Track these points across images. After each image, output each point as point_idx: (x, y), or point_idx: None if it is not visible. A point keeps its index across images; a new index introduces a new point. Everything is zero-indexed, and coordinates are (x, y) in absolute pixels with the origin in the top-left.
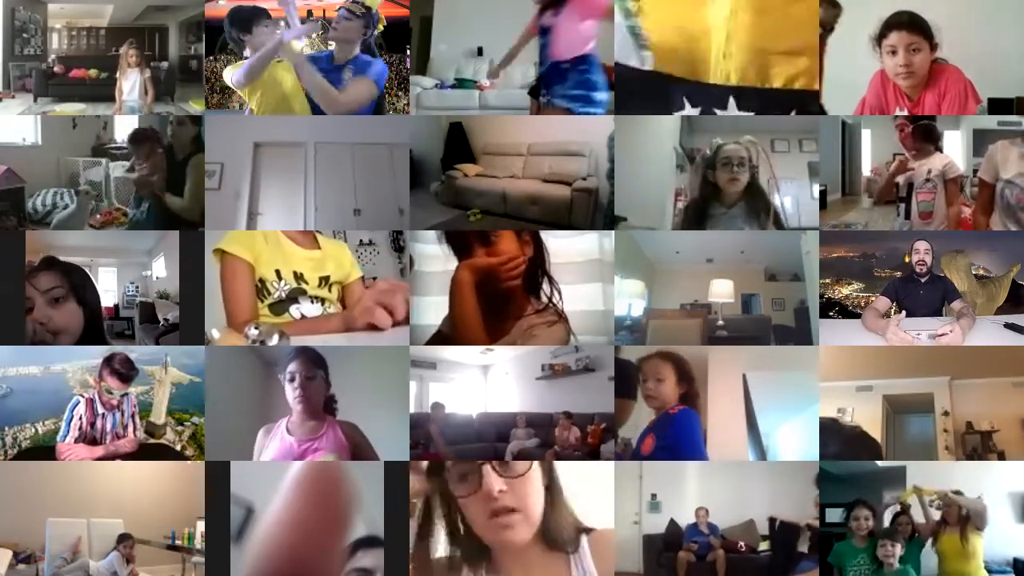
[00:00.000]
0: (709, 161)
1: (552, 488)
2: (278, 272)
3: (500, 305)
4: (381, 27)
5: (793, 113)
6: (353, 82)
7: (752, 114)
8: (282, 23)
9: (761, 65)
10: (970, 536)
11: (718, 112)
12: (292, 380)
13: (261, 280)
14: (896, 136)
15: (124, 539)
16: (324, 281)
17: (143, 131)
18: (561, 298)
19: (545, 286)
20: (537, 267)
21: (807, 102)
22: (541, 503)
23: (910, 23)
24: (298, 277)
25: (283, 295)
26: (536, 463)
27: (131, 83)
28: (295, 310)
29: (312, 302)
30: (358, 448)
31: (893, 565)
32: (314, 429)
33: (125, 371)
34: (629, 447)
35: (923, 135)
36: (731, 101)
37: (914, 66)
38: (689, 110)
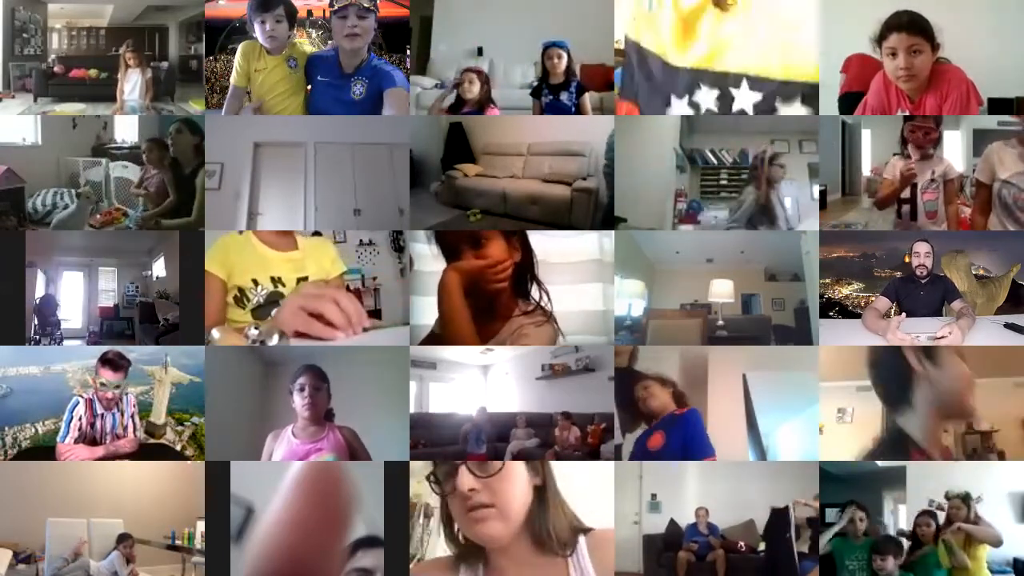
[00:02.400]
0: (770, 158)
1: (545, 489)
2: (255, 280)
3: (489, 307)
4: None
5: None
6: (390, 93)
7: (751, 115)
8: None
9: None
10: (973, 542)
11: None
12: (302, 390)
13: (240, 290)
14: (918, 138)
15: (124, 539)
16: (303, 282)
17: (156, 140)
18: (550, 300)
19: (534, 290)
20: (526, 271)
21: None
22: (523, 501)
23: (910, 24)
24: (276, 281)
25: (261, 300)
26: (519, 462)
27: (132, 84)
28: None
29: None
30: (354, 451)
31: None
32: (316, 433)
33: (116, 359)
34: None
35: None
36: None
37: (915, 69)
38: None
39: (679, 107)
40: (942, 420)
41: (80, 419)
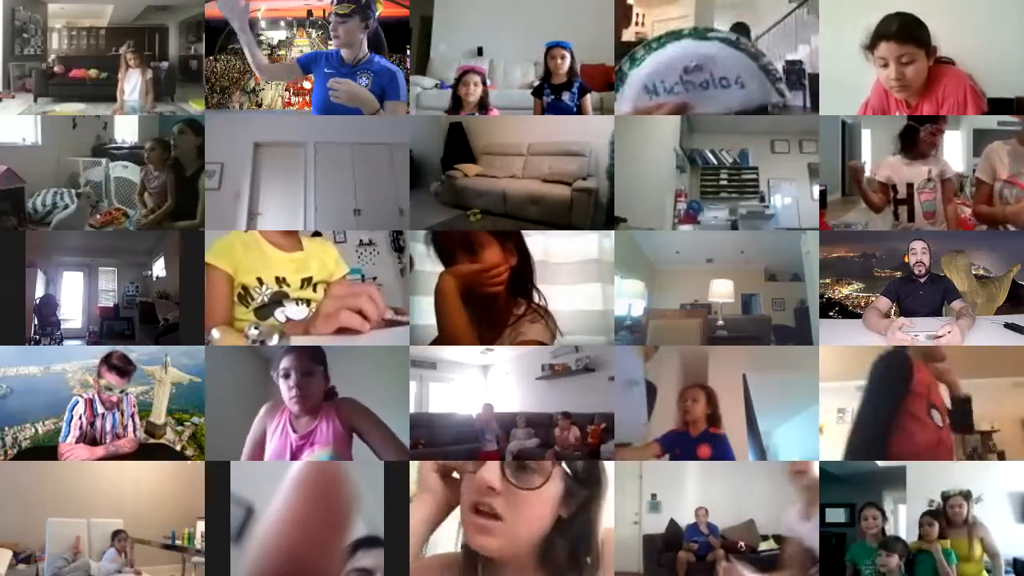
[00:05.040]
0: None
1: (574, 522)
2: (259, 279)
3: (488, 312)
4: (380, 7)
5: None
6: (391, 105)
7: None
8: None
9: None
10: (974, 543)
11: None
12: (287, 377)
13: (244, 287)
14: (934, 140)
15: (117, 534)
16: (307, 282)
17: (159, 141)
18: (546, 301)
19: (534, 295)
20: (523, 275)
21: None
22: (537, 527)
23: (900, 33)
24: (280, 281)
25: (266, 299)
26: (559, 492)
27: (132, 84)
28: (280, 313)
29: (297, 304)
30: (360, 428)
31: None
32: (307, 424)
33: (122, 366)
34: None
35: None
36: None
37: (907, 79)
38: None
39: None
40: None
41: (80, 419)
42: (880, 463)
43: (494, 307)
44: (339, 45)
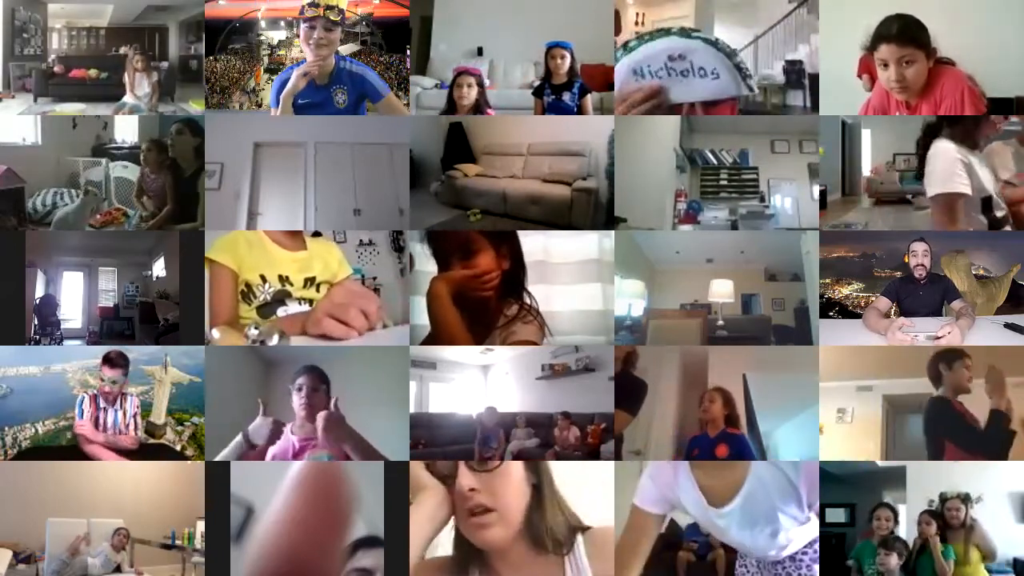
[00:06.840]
0: None
1: (541, 487)
2: (263, 276)
3: (477, 314)
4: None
5: None
6: (382, 104)
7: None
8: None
9: None
10: (970, 547)
11: None
12: (300, 390)
13: (247, 285)
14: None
15: (116, 532)
16: (310, 282)
17: (155, 142)
18: (537, 303)
19: (524, 297)
20: (515, 279)
21: None
22: (522, 502)
23: (900, 34)
24: (283, 280)
25: (268, 298)
26: (517, 461)
27: (144, 89)
28: (282, 312)
29: (299, 303)
30: (355, 446)
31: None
32: (313, 431)
33: (116, 358)
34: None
35: None
36: None
37: (907, 80)
38: None
39: None
40: None
41: (86, 412)
42: (880, 463)
43: (486, 310)
44: (325, 55)
